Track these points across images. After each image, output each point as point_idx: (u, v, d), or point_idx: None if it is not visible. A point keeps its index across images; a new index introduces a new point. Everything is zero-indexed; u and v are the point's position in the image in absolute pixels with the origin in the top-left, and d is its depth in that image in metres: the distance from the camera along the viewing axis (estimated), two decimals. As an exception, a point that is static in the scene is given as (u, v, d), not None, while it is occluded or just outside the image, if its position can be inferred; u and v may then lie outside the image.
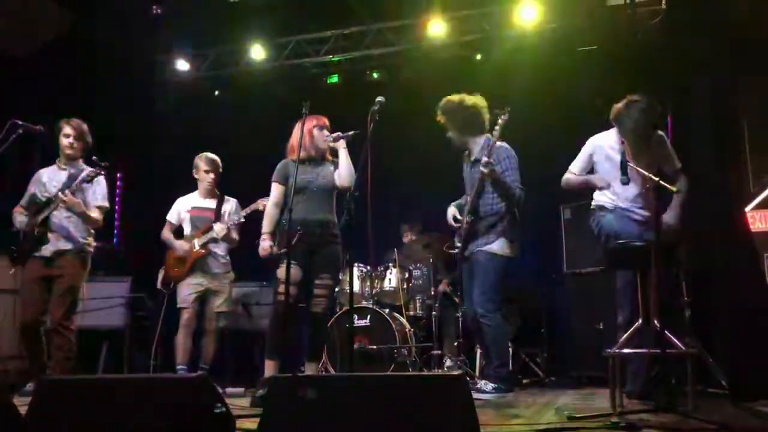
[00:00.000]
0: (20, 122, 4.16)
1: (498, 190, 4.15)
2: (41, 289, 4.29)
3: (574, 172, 4.14)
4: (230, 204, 5.13)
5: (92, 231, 4.53)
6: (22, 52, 6.21)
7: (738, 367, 3.40)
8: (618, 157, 3.53)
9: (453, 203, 4.43)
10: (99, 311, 5.66)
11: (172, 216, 5.11)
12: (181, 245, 4.95)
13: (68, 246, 4.34)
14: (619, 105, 3.84)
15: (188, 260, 4.92)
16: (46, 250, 4.30)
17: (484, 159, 3.96)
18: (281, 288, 3.94)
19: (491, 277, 4.11)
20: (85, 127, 4.53)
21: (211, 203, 5.09)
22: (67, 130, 4.45)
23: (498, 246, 4.14)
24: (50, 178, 4.46)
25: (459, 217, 4.30)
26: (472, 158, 4.28)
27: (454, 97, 4.27)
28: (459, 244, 4.32)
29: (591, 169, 4.11)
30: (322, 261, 4.13)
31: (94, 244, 4.54)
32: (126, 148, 6.90)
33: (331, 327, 5.28)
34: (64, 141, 4.46)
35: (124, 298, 5.79)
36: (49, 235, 4.32)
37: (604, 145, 4.00)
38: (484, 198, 4.21)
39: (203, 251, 4.93)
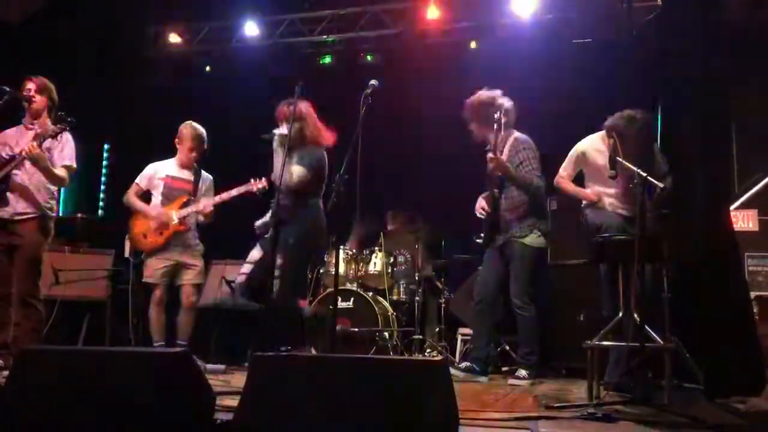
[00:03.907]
0: (8, 88, 4.10)
1: (513, 182, 4.26)
2: (2, 256, 4.12)
3: (563, 177, 4.18)
4: (207, 182, 4.95)
5: (55, 196, 4.34)
6: (15, 19, 6.11)
7: (714, 364, 3.44)
8: (603, 159, 3.54)
9: (482, 195, 4.49)
10: (82, 282, 5.63)
11: (141, 180, 4.82)
12: (157, 213, 4.69)
13: (29, 210, 4.13)
14: (620, 122, 3.74)
15: (166, 233, 4.68)
16: (5, 212, 4.09)
17: (489, 155, 4.11)
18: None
19: (526, 268, 4.29)
20: (50, 84, 4.33)
21: (188, 175, 4.87)
22: (29, 84, 4.26)
23: (529, 239, 4.29)
24: (17, 140, 4.23)
25: (488, 209, 4.36)
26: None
27: (483, 94, 4.34)
28: (482, 234, 4.44)
29: (579, 173, 4.16)
30: (279, 243, 4.03)
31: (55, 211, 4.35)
32: (114, 118, 6.83)
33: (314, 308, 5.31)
34: (26, 94, 4.23)
35: (107, 271, 5.76)
36: (9, 195, 4.09)
37: (590, 149, 4.03)
38: (507, 191, 4.32)
39: (183, 227, 4.70)
